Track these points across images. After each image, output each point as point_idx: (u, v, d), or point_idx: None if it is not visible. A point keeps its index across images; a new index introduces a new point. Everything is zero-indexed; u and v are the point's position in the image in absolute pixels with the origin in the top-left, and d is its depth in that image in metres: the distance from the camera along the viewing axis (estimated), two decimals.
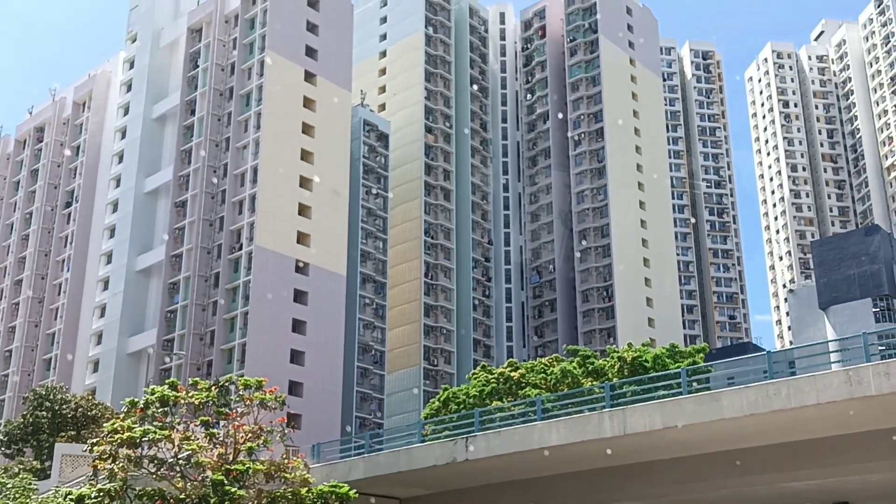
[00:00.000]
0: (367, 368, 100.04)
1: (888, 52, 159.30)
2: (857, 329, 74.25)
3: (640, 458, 32.92)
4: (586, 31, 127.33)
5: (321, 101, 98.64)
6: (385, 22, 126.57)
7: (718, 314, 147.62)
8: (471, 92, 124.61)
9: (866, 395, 26.54)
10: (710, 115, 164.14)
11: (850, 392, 26.76)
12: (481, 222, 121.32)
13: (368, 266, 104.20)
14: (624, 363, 58.50)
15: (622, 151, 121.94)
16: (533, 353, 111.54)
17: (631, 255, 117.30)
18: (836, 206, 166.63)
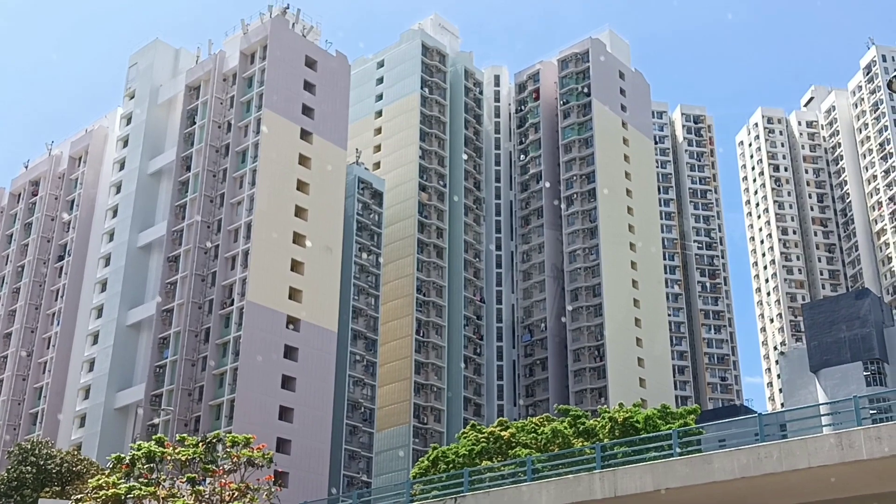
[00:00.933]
0: (356, 426, 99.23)
1: (877, 119, 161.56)
2: (848, 392, 74.16)
3: None
4: (579, 94, 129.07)
5: (316, 158, 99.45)
6: (381, 82, 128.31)
7: (710, 375, 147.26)
8: (465, 152, 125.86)
9: (858, 460, 26.52)
10: (702, 177, 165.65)
11: (842, 456, 26.73)
12: (473, 280, 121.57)
13: (360, 322, 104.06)
14: (615, 424, 58.09)
15: (614, 212, 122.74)
16: (524, 413, 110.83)
17: (622, 314, 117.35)
18: (826, 269, 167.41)
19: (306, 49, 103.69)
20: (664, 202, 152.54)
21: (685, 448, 35.58)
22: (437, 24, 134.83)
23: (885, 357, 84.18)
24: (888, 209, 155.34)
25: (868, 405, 40.13)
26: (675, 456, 31.63)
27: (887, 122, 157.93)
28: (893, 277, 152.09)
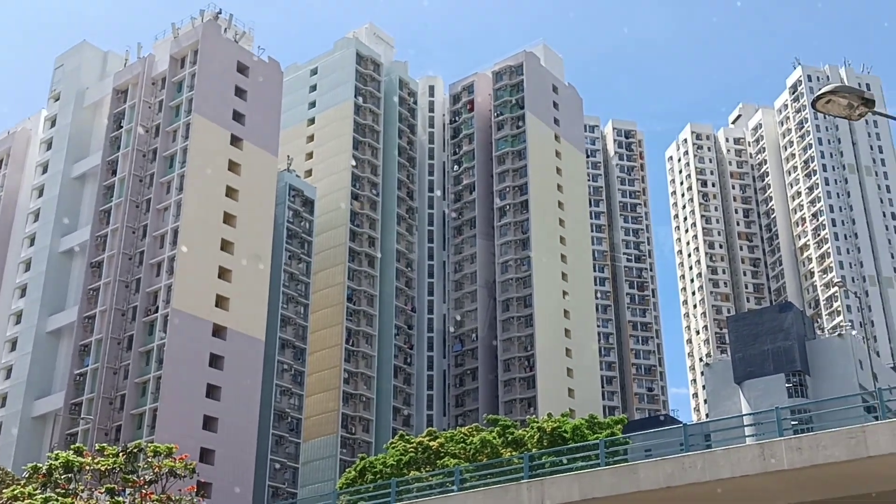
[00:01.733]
0: (282, 436, 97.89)
1: (801, 137, 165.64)
2: (770, 403, 75.38)
3: None
4: (513, 106, 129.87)
5: (246, 165, 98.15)
6: (315, 90, 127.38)
7: (637, 386, 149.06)
8: (398, 161, 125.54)
9: (779, 469, 26.80)
10: (632, 191, 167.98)
11: (764, 466, 27.00)
12: (405, 289, 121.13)
13: (288, 331, 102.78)
14: (543, 433, 58.29)
15: (546, 224, 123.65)
16: (453, 422, 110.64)
17: (553, 325, 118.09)
18: (751, 283, 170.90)
19: (238, 55, 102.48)
20: (595, 215, 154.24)
21: (612, 458, 35.74)
22: (372, 33, 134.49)
23: (806, 369, 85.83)
24: (811, 225, 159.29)
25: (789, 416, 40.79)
26: (602, 466, 31.69)
27: (812, 140, 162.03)
28: (815, 292, 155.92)
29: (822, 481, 27.17)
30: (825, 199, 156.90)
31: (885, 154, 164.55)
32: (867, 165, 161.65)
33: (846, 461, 25.95)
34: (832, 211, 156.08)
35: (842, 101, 15.78)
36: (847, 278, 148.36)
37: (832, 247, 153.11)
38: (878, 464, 25.89)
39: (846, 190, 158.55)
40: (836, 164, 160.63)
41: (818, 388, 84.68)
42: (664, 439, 38.00)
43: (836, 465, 26.15)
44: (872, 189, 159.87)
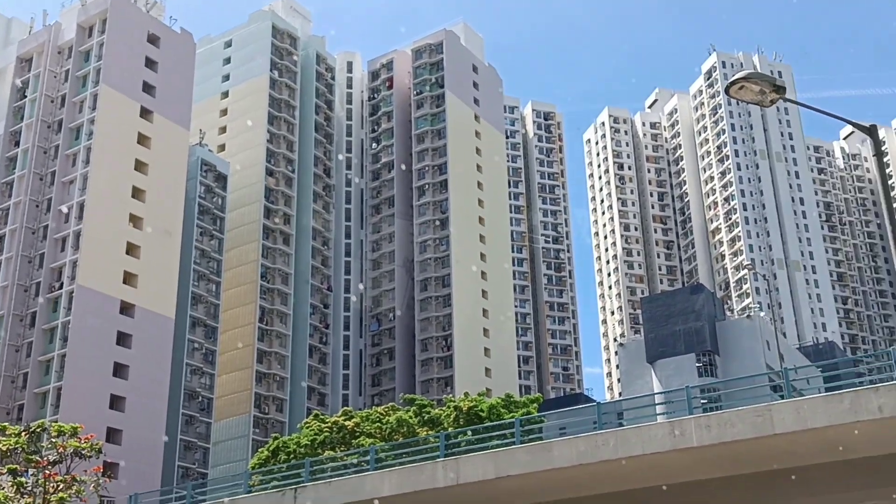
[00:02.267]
0: (192, 416, 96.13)
1: (715, 123, 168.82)
2: (681, 382, 76.52)
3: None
4: (433, 85, 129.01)
5: (157, 138, 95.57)
6: (229, 63, 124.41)
7: (553, 366, 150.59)
8: (315, 137, 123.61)
9: (689, 447, 27.20)
10: (550, 173, 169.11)
11: (674, 443, 27.41)
12: (321, 268, 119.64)
13: (199, 309, 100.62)
14: (460, 413, 58.17)
15: (465, 204, 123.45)
16: (369, 402, 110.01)
17: (471, 305, 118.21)
18: (664, 265, 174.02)
19: (149, 25, 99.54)
20: (513, 196, 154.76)
21: (527, 436, 35.72)
22: (289, 6, 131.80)
23: (716, 349, 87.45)
24: (723, 209, 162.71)
25: (699, 395, 41.19)
26: (517, 444, 31.64)
27: (725, 126, 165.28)
28: (726, 274, 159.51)
29: (730, 458, 27.62)
30: (737, 184, 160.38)
31: (795, 141, 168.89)
32: (777, 152, 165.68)
33: (753, 438, 26.43)
34: (743, 196, 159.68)
35: (754, 87, 15.97)
36: (756, 261, 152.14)
37: (742, 230, 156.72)
38: (783, 441, 26.37)
39: (757, 175, 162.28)
40: (747, 149, 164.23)
41: (727, 367, 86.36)
42: (578, 418, 38.12)
43: (743, 442, 26.62)
44: (782, 175, 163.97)
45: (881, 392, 25.11)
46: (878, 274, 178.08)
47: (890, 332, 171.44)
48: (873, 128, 17.42)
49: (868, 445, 25.87)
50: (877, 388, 25.51)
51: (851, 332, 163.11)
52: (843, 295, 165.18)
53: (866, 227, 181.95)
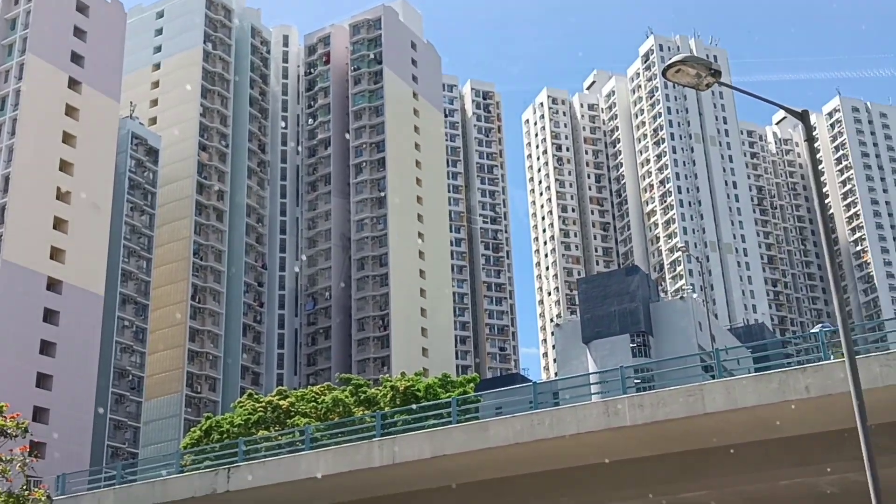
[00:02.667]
0: (122, 395, 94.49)
1: (652, 106, 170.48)
2: (616, 363, 77.25)
3: (411, 487, 32.45)
4: (371, 61, 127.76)
5: (86, 109, 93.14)
6: (161, 34, 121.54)
7: (490, 346, 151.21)
8: (250, 112, 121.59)
9: (622, 426, 27.48)
10: (489, 153, 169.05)
11: (608, 422, 27.67)
12: (255, 245, 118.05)
13: (130, 286, 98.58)
14: (396, 392, 57.71)
15: (403, 182, 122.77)
16: (304, 382, 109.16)
17: (408, 285, 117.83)
18: (601, 247, 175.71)
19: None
20: (452, 175, 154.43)
21: (463, 416, 35.67)
22: None
23: (650, 330, 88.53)
24: (658, 192, 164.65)
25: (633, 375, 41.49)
26: (454, 423, 31.58)
27: (661, 108, 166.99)
28: (661, 256, 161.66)
29: (663, 437, 27.91)
30: (672, 166, 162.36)
31: (729, 125, 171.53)
32: (712, 136, 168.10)
33: (684, 417, 26.70)
34: (678, 178, 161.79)
35: (690, 71, 16.06)
36: (690, 244, 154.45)
37: (677, 213, 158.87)
38: (714, 420, 26.66)
39: (692, 159, 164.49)
40: (683, 133, 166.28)
41: (661, 348, 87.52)
42: (514, 397, 38.20)
43: (675, 421, 26.88)
44: (716, 159, 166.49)
45: (808, 373, 25.50)
46: (807, 257, 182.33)
47: (818, 314, 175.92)
48: (805, 113, 17.47)
49: (796, 424, 26.31)
50: (804, 368, 25.91)
51: (781, 314, 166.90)
52: (773, 277, 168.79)
53: (796, 212, 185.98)
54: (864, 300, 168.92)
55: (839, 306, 16.98)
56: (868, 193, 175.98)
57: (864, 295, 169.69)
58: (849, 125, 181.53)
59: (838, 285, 17.65)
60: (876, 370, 24.08)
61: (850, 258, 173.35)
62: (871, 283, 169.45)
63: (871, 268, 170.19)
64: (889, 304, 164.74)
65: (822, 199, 18.29)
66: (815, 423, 26.05)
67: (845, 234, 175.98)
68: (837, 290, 17.25)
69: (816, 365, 25.75)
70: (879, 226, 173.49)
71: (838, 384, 23.32)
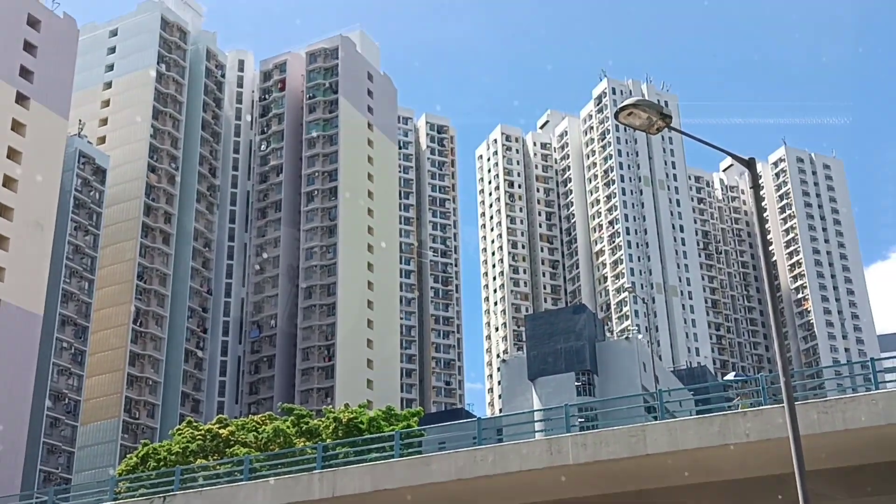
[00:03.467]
0: (58, 418, 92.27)
1: (603, 147, 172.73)
2: (560, 400, 77.45)
3: None
4: (326, 90, 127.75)
5: (32, 126, 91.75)
6: (114, 52, 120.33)
7: (435, 379, 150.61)
8: (202, 135, 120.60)
9: (565, 464, 27.34)
10: (442, 186, 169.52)
11: (551, 461, 27.52)
12: (202, 270, 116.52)
13: (70, 307, 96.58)
14: (339, 424, 57.05)
15: (354, 212, 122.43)
16: (246, 410, 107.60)
17: (356, 315, 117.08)
18: (549, 284, 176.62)
19: (29, 6, 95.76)
20: (404, 207, 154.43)
21: (406, 450, 35.35)
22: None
23: (595, 369, 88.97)
24: (607, 232, 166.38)
25: (577, 413, 41.63)
26: (396, 457, 31.24)
27: (612, 150, 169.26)
28: (608, 295, 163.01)
29: (605, 476, 27.92)
30: (621, 208, 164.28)
31: (678, 170, 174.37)
32: (661, 179, 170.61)
33: (627, 458, 26.71)
34: (627, 220, 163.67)
35: (642, 114, 16.23)
36: (637, 284, 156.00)
37: (625, 254, 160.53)
38: (656, 461, 26.70)
39: (641, 201, 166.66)
40: (633, 175, 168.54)
41: (605, 387, 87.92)
42: (458, 433, 38.01)
43: (617, 461, 26.88)
44: (664, 202, 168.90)
45: (748, 417, 25.73)
46: (749, 303, 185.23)
47: (759, 359, 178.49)
48: (751, 161, 17.68)
49: (735, 468, 26.51)
50: (744, 413, 26.13)
51: (723, 357, 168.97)
52: (716, 321, 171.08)
53: (741, 258, 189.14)
54: (803, 347, 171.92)
55: (780, 353, 17.16)
56: (810, 243, 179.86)
57: (804, 342, 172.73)
58: (793, 175, 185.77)
59: (780, 332, 17.85)
60: (814, 416, 24.35)
61: (792, 305, 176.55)
62: (811, 331, 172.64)
63: (811, 316, 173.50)
64: (827, 352, 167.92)
65: (767, 247, 18.55)
66: (754, 467, 26.24)
67: (787, 281, 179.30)
68: (779, 337, 17.44)
69: (756, 409, 26.00)
70: (820, 275, 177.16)
71: (777, 429, 23.53)
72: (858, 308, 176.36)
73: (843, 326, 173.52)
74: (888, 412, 23.95)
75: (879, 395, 24.58)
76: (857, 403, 24.58)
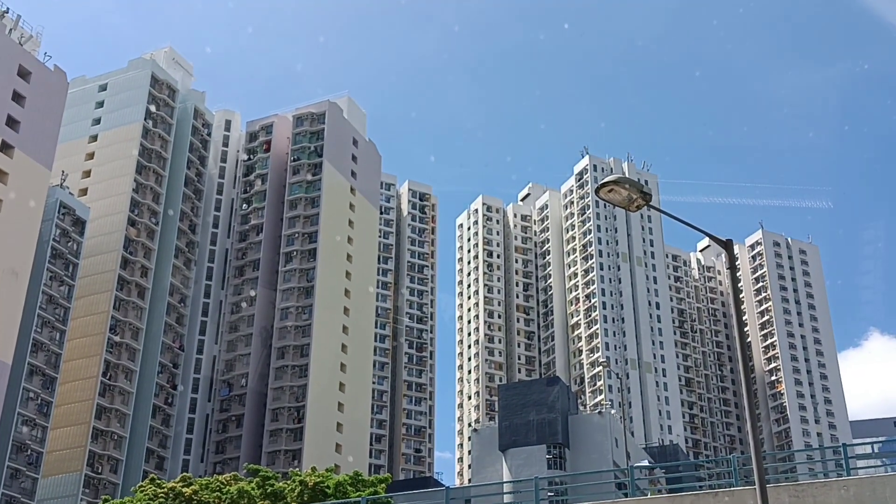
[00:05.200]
0: (19, 469, 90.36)
1: (583, 222, 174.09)
2: (530, 473, 76.77)
3: None
4: (311, 153, 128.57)
5: (15, 174, 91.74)
6: (102, 106, 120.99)
7: (405, 446, 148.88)
8: (184, 192, 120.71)
9: None
10: (421, 253, 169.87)
11: None
12: (175, 326, 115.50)
13: (39, 357, 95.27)
14: (305, 488, 55.99)
15: (332, 274, 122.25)
16: (211, 470, 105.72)
17: (328, 378, 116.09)
18: (524, 355, 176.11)
19: (21, 58, 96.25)
20: (382, 272, 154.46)
21: None
22: (171, 57, 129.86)
23: (566, 442, 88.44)
24: (584, 306, 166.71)
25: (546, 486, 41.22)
26: None
27: (591, 226, 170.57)
28: (582, 369, 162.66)
29: None
30: (598, 282, 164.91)
31: (656, 248, 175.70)
32: (638, 256, 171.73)
33: None
34: (604, 295, 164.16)
35: (623, 191, 16.43)
36: (611, 359, 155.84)
37: (601, 328, 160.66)
38: None
39: (618, 276, 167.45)
40: (611, 251, 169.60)
41: (576, 460, 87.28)
42: (426, 501, 37.43)
43: None
44: (641, 279, 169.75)
45: (719, 497, 25.63)
46: (723, 383, 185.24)
47: (731, 439, 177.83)
48: (729, 242, 17.83)
49: None
50: (716, 493, 26.05)
51: (695, 436, 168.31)
52: (689, 400, 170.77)
53: (715, 337, 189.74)
54: (776, 430, 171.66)
55: (753, 434, 17.18)
56: (785, 326, 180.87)
57: (777, 425, 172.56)
58: (769, 259, 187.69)
59: (753, 413, 17.84)
60: (785, 500, 24.32)
61: (765, 387, 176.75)
62: (784, 414, 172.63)
63: (784, 398, 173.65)
64: (800, 436, 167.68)
65: (742, 328, 18.54)
66: None
67: (761, 363, 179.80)
68: (752, 418, 17.44)
69: (728, 490, 25.90)
70: (794, 358, 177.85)
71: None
72: (831, 392, 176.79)
73: (815, 410, 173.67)
74: (859, 499, 23.96)
75: (851, 482, 24.61)
76: (829, 489, 24.59)
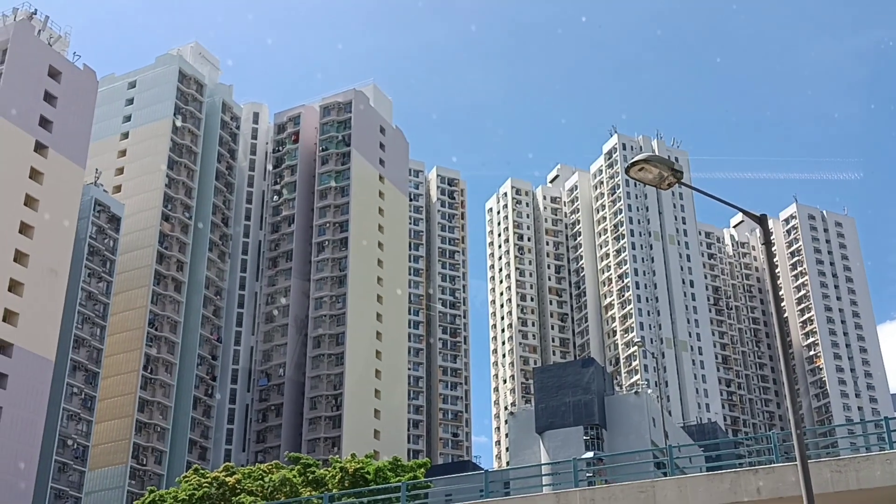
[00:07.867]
0: (66, 463, 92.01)
1: (613, 202, 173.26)
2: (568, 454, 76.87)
3: None
4: (339, 142, 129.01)
5: (50, 174, 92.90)
6: (132, 103, 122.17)
7: (442, 431, 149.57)
8: (215, 185, 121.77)
9: None
10: (452, 238, 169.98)
11: None
12: (212, 318, 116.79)
13: (81, 353, 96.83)
14: (346, 474, 56.70)
15: (364, 263, 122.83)
16: (253, 459, 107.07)
17: (364, 365, 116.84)
18: (557, 337, 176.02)
19: (51, 58, 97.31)
20: (414, 259, 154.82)
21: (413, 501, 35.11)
22: (198, 52, 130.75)
23: (603, 423, 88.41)
24: (617, 286, 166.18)
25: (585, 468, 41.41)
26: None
27: (622, 205, 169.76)
28: (617, 349, 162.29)
29: None
30: (631, 262, 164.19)
31: (688, 225, 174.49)
32: (671, 234, 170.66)
33: None
34: (636, 274, 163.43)
35: (653, 170, 16.16)
36: (646, 339, 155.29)
37: (634, 308, 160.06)
38: None
39: (650, 255, 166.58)
40: (642, 230, 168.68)
41: (613, 441, 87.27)
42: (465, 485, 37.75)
43: None
44: (674, 257, 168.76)
45: (760, 474, 25.56)
46: (760, 359, 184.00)
47: (770, 416, 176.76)
48: (763, 217, 17.58)
49: None
50: (756, 470, 25.97)
51: (734, 414, 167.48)
52: (726, 377, 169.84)
53: (751, 313, 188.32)
54: (815, 405, 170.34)
55: (792, 409, 17.18)
56: (822, 300, 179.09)
57: (816, 400, 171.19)
58: (805, 232, 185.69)
59: (792, 389, 17.67)
60: (827, 475, 24.26)
61: (804, 362, 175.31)
62: (823, 389, 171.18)
63: (823, 373, 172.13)
64: (840, 410, 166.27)
65: (778, 303, 18.44)
66: None
67: (799, 338, 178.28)
68: (791, 394, 17.30)
69: (769, 467, 25.86)
70: (832, 332, 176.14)
71: (790, 487, 23.45)
72: (871, 366, 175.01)
73: (855, 384, 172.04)
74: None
75: (894, 455, 24.45)
76: (872, 463, 24.47)
